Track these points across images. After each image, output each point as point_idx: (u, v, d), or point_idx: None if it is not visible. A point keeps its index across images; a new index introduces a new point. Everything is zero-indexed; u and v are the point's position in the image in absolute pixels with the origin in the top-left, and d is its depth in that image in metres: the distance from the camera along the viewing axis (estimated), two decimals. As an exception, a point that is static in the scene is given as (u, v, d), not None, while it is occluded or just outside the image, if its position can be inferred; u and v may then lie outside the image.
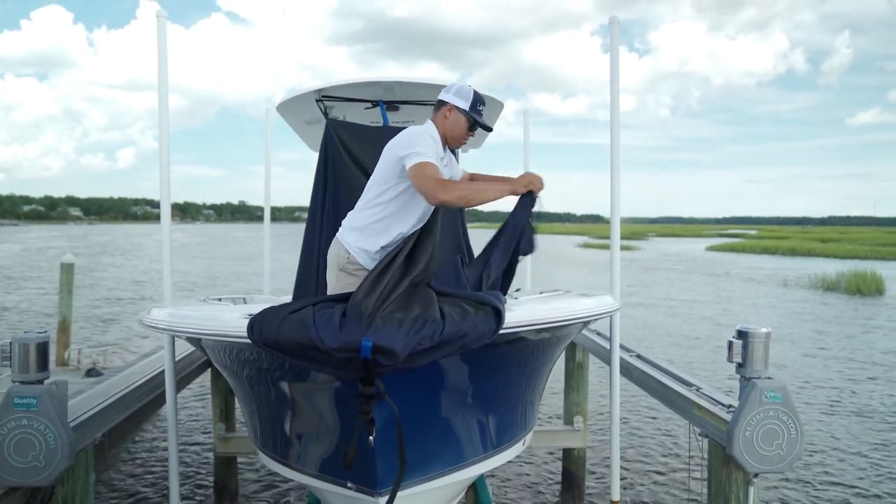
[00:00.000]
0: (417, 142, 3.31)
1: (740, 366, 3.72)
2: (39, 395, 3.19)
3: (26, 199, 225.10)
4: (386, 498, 2.66)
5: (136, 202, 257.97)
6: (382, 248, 3.45)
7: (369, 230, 3.47)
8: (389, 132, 5.11)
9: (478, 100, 3.51)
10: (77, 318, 16.77)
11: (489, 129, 3.68)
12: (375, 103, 5.37)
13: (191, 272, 30.76)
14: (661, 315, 17.72)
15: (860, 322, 16.84)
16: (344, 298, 2.50)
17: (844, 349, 13.27)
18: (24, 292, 22.44)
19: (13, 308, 18.85)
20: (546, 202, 3.46)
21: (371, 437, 2.46)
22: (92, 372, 7.59)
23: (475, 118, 3.48)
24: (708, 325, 16.25)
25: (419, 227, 3.43)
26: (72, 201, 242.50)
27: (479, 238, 4.95)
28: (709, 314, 18.21)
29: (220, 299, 4.94)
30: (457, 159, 4.04)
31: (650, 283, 26.19)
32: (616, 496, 4.64)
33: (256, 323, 2.43)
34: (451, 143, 3.56)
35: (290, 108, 5.62)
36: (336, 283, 3.54)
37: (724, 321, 16.67)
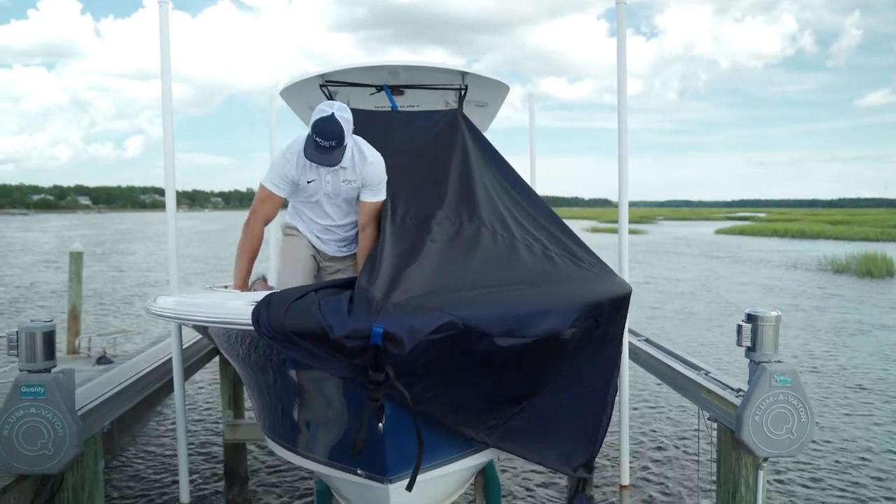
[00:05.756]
0: (275, 160, 3.65)
1: (750, 349, 3.68)
2: (47, 384, 3.21)
3: (35, 189, 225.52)
4: (396, 484, 2.66)
5: (145, 190, 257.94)
6: (321, 225, 3.85)
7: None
8: (398, 117, 5.07)
9: (314, 131, 3.25)
10: (124, 297, 17.18)
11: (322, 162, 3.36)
12: (380, 88, 5.32)
13: (217, 255, 31.21)
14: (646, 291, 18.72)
15: (873, 304, 16.73)
16: (348, 284, 2.49)
17: (852, 330, 13.20)
18: (89, 270, 23.11)
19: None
20: None
21: (381, 424, 2.45)
22: (102, 360, 7.61)
23: (306, 149, 3.32)
24: (685, 300, 17.39)
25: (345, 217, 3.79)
26: (81, 190, 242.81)
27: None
28: (689, 290, 19.23)
29: (227, 286, 4.93)
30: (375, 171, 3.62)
31: (647, 263, 26.90)
32: (625, 480, 4.62)
33: (262, 313, 2.41)
34: None
35: (293, 93, 5.57)
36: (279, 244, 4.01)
37: (701, 297, 17.96)
